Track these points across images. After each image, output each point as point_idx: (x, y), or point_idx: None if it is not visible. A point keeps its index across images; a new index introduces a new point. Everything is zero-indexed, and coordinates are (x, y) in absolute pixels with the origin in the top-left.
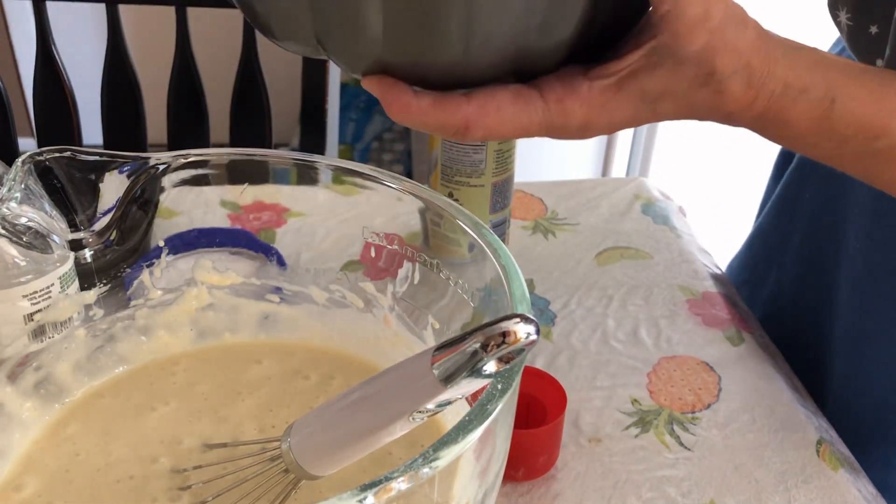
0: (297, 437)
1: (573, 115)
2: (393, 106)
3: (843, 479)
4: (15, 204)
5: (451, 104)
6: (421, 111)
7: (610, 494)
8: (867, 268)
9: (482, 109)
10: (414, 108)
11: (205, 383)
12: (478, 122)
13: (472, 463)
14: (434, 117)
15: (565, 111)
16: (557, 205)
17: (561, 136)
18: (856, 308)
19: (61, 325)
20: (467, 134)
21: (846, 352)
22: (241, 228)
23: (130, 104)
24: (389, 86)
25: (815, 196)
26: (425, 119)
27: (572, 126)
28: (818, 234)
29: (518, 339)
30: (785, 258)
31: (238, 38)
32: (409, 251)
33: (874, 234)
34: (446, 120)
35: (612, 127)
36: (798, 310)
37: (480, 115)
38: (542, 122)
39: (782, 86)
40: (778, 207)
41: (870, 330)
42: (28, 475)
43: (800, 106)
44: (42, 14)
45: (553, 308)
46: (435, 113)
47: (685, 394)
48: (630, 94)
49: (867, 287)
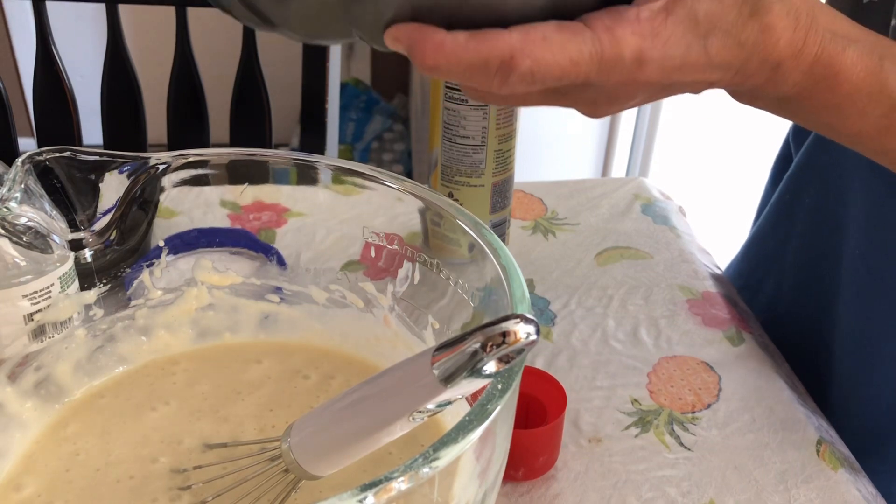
0: (297, 437)
1: (625, 43)
2: (426, 47)
3: (843, 479)
4: (15, 204)
5: (492, 35)
6: (458, 47)
7: (610, 494)
8: (868, 272)
9: (527, 37)
10: (449, 45)
11: (205, 383)
12: (524, 51)
13: (472, 463)
14: (474, 52)
15: (616, 40)
16: (557, 205)
17: (614, 72)
18: (858, 313)
19: (61, 325)
20: (513, 67)
21: (849, 358)
22: (241, 228)
23: (130, 104)
24: (418, 29)
25: (814, 202)
26: (463, 56)
27: (626, 58)
28: (817, 241)
29: (518, 340)
30: (783, 264)
31: (238, 38)
32: (409, 251)
33: (874, 239)
34: (489, 53)
35: (667, 63)
36: (797, 316)
37: (526, 42)
38: (592, 54)
39: (830, 34)
40: (775, 214)
41: (874, 335)
42: (28, 475)
43: (850, 55)
44: (42, 14)
45: (553, 308)
46: (475, 46)
47: (685, 394)
48: (680, 20)
49: (869, 292)
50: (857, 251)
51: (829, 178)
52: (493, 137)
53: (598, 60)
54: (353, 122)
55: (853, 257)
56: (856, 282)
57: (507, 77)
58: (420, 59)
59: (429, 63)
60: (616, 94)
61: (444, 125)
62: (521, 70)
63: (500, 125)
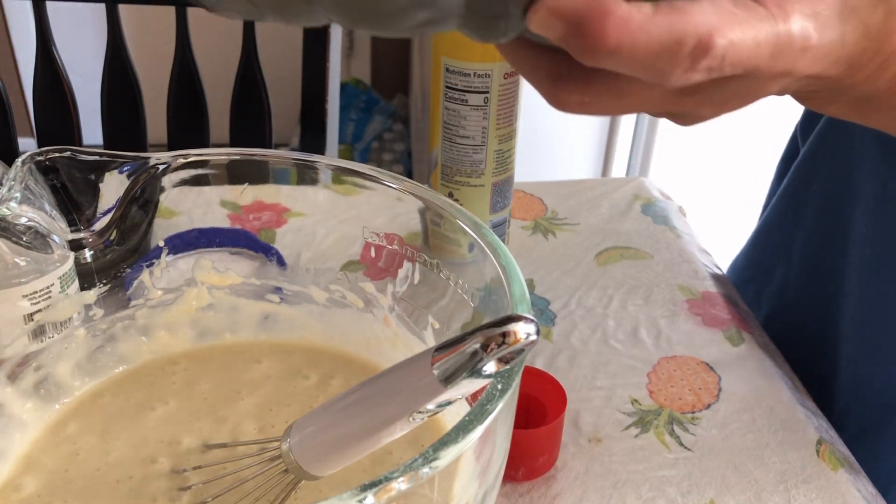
0: (296, 437)
1: (795, 24)
2: (607, 24)
3: (843, 479)
4: (15, 204)
5: (686, 6)
6: (647, 21)
7: (610, 494)
8: (875, 256)
9: (719, 8)
10: (636, 19)
11: (205, 383)
12: (722, 30)
13: (472, 463)
14: (666, 28)
15: (787, 17)
16: (557, 205)
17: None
18: (865, 297)
19: (61, 325)
20: (710, 47)
21: (856, 341)
22: (241, 228)
23: (130, 104)
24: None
25: (822, 189)
26: (654, 33)
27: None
28: (826, 227)
29: (518, 340)
30: (792, 252)
31: (238, 38)
32: (409, 251)
33: (880, 218)
34: (685, 28)
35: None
36: (806, 304)
37: (722, 16)
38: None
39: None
40: (784, 202)
41: (879, 319)
42: (28, 475)
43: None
44: (42, 14)
45: (553, 308)
46: (667, 20)
47: (685, 394)
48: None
49: (876, 275)
50: (864, 230)
51: (837, 163)
52: (493, 137)
53: (774, 42)
54: (353, 122)
55: (860, 239)
56: (862, 265)
57: (698, 61)
58: (597, 40)
59: (611, 44)
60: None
61: (444, 125)
62: (716, 51)
63: (500, 125)
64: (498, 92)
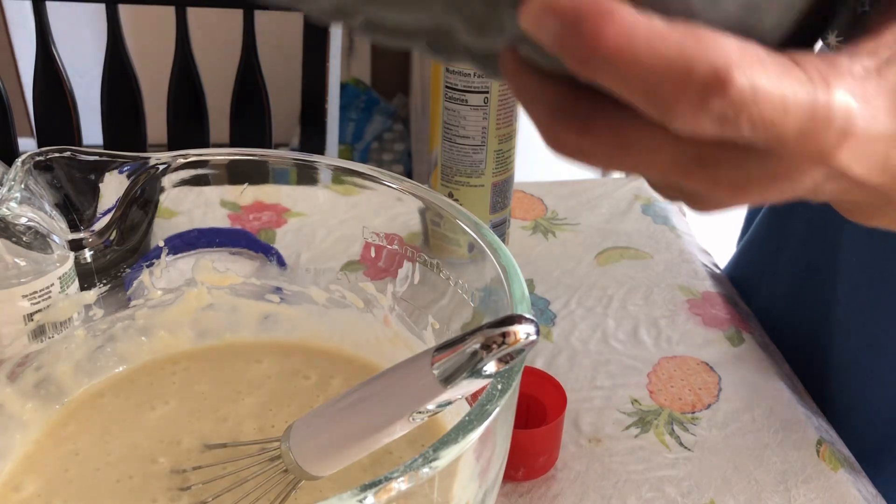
0: (296, 437)
1: (838, 102)
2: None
3: (843, 479)
4: (15, 204)
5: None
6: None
7: (610, 494)
8: (868, 281)
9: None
10: (643, 29)
11: (205, 383)
12: (742, 68)
13: (472, 463)
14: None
15: (830, 92)
16: (557, 205)
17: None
18: (858, 322)
19: (61, 325)
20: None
21: (849, 367)
22: (241, 228)
23: (130, 104)
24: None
25: (809, 208)
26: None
27: (836, 122)
28: (813, 247)
29: (518, 340)
30: (777, 271)
31: (238, 38)
32: (409, 251)
33: (874, 245)
34: (697, 55)
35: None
36: (792, 325)
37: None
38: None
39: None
40: (769, 220)
41: (875, 344)
42: (28, 475)
43: None
44: (42, 14)
45: (553, 308)
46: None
47: (685, 394)
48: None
49: (870, 300)
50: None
51: None
52: (493, 137)
53: (809, 115)
54: (353, 122)
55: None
56: (855, 289)
57: (709, 98)
58: (593, 40)
59: (609, 47)
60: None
61: (444, 125)
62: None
63: (500, 125)
64: (498, 92)
